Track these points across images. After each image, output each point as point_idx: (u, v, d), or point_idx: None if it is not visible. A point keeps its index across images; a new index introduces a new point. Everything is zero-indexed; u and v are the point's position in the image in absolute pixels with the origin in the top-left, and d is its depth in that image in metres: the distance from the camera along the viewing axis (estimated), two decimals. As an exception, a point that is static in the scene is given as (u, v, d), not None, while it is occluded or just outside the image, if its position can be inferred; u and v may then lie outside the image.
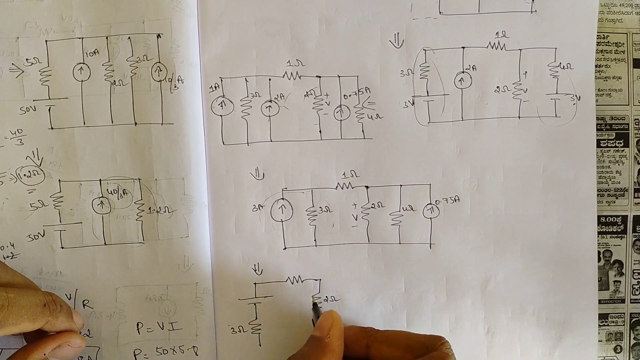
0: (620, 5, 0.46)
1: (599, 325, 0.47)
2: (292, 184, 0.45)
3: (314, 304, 0.45)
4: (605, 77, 0.47)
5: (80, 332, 0.41)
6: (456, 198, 0.45)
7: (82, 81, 0.43)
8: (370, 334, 0.41)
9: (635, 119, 0.47)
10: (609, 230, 0.47)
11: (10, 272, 0.39)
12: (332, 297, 0.45)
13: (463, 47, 0.44)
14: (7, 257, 0.43)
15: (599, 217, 0.46)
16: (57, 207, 0.43)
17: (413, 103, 0.45)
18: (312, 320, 0.44)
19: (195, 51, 0.43)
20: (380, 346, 0.40)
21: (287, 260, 0.45)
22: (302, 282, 0.45)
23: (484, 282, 0.46)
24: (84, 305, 0.43)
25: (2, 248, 0.43)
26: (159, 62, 0.42)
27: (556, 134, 0.45)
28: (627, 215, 0.47)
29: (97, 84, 0.43)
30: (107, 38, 0.42)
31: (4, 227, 0.43)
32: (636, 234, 0.48)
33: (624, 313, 0.48)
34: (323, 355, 0.38)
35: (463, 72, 0.45)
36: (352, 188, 0.45)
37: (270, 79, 0.44)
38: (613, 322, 0.48)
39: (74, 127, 0.43)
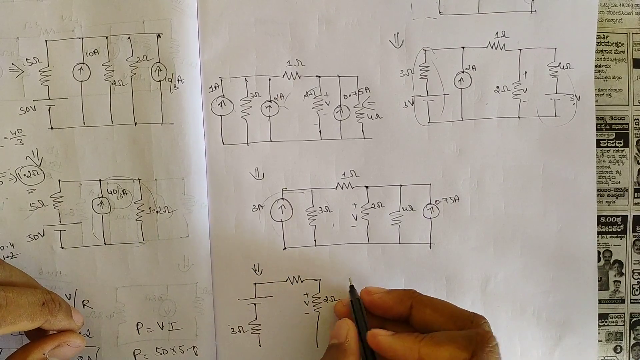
0: (620, 5, 0.46)
1: (599, 325, 0.47)
2: (292, 184, 0.45)
3: (351, 287, 0.44)
4: (605, 77, 0.47)
5: (80, 332, 0.41)
6: (456, 198, 0.45)
7: (82, 81, 0.43)
8: (414, 296, 0.41)
9: (635, 119, 0.47)
10: (609, 230, 0.47)
11: (8, 269, 0.39)
12: (332, 297, 0.45)
13: (463, 47, 0.44)
14: (7, 257, 0.43)
15: (599, 217, 0.46)
16: (57, 207, 0.43)
17: (413, 103, 0.45)
18: (351, 301, 0.42)
19: (195, 51, 0.43)
20: (424, 308, 0.40)
21: (287, 260, 0.45)
22: (302, 282, 0.45)
23: (484, 282, 0.46)
24: (83, 305, 0.43)
25: (2, 248, 0.43)
26: (159, 62, 0.42)
27: (556, 134, 0.45)
28: (627, 215, 0.47)
29: (97, 84, 0.43)
30: (107, 38, 0.42)
31: (4, 227, 0.43)
32: (636, 234, 0.48)
33: (624, 313, 0.48)
34: (345, 358, 0.39)
35: (463, 72, 0.45)
36: (352, 188, 0.45)
37: (270, 79, 0.44)
38: (613, 322, 0.48)
39: (74, 127, 0.43)
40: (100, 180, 0.43)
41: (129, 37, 0.42)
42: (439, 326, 0.39)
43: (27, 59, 0.42)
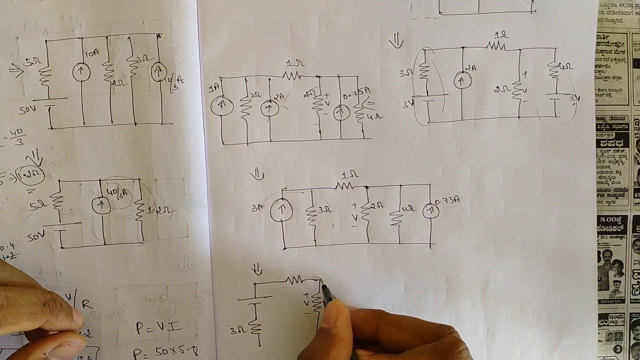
0: (620, 5, 0.46)
1: (599, 325, 0.47)
2: (291, 184, 0.45)
3: (324, 286, 0.44)
4: (605, 77, 0.47)
5: (80, 332, 0.41)
6: (456, 198, 0.45)
7: (82, 81, 0.43)
8: (380, 315, 0.41)
9: (635, 119, 0.47)
10: (609, 230, 0.47)
11: (9, 269, 0.39)
12: (332, 297, 0.45)
13: (463, 47, 0.44)
14: (7, 257, 0.43)
15: (599, 217, 0.46)
16: (56, 207, 0.43)
17: (413, 103, 0.45)
18: (323, 301, 0.44)
19: (195, 51, 0.43)
20: (389, 328, 0.40)
21: (287, 260, 0.45)
22: (302, 282, 0.45)
23: (484, 282, 0.46)
24: (83, 305, 0.43)
25: (2, 248, 0.43)
26: (159, 62, 0.42)
27: (556, 134, 0.45)
28: (627, 215, 0.47)
29: (97, 84, 0.43)
30: (107, 38, 0.42)
31: (3, 227, 0.43)
32: (636, 234, 0.48)
33: (624, 313, 0.48)
34: (332, 345, 0.38)
35: (463, 72, 0.45)
36: (352, 188, 0.45)
37: (270, 79, 0.44)
38: (613, 322, 0.48)
39: (74, 127, 0.43)
40: (100, 180, 0.43)
41: (128, 37, 0.42)
42: (407, 344, 0.39)
43: (27, 59, 0.42)
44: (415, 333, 0.39)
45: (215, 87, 0.44)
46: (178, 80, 0.43)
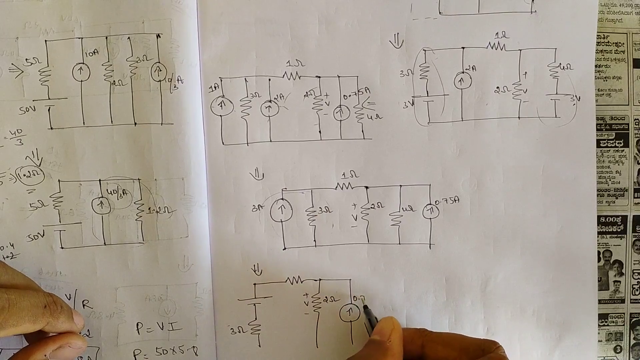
0: (620, 5, 0.46)
1: (599, 325, 0.47)
2: (291, 184, 0.45)
3: (365, 307, 0.44)
4: (605, 77, 0.47)
5: (80, 333, 0.41)
6: (456, 198, 0.45)
7: (81, 81, 0.43)
8: (425, 334, 0.41)
9: (635, 119, 0.47)
10: (609, 230, 0.47)
11: (10, 271, 0.39)
12: (332, 298, 0.45)
13: (463, 48, 0.44)
14: (7, 257, 0.43)
15: (599, 217, 0.46)
16: (56, 207, 0.43)
17: (413, 103, 0.45)
18: (368, 320, 0.44)
19: (195, 51, 0.43)
20: (435, 346, 0.40)
21: (287, 261, 0.45)
22: (301, 282, 0.45)
23: (484, 282, 0.46)
24: (83, 306, 0.43)
25: (2, 248, 0.43)
26: (159, 62, 0.42)
27: (556, 134, 0.45)
28: (627, 215, 0.47)
29: (97, 84, 0.43)
30: (106, 38, 0.42)
31: (3, 227, 0.43)
32: (636, 234, 0.48)
33: (623, 313, 0.48)
34: (384, 357, 0.38)
35: (463, 72, 0.45)
36: (352, 188, 0.45)
37: (270, 79, 0.44)
38: (613, 322, 0.48)
39: (74, 127, 0.43)
40: (100, 180, 0.43)
41: (128, 37, 0.42)
42: None
43: (26, 59, 0.42)
44: (462, 349, 0.39)
45: (215, 87, 0.44)
46: (178, 80, 0.43)
